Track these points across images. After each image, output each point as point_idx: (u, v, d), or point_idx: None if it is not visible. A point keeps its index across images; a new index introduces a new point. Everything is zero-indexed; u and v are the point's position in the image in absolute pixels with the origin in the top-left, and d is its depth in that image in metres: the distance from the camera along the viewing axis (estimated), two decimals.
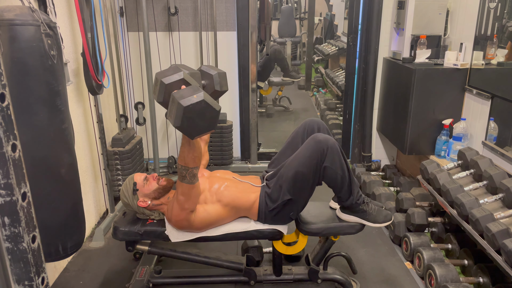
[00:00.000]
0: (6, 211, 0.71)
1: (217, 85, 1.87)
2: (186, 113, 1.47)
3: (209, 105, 1.51)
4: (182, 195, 1.78)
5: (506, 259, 1.74)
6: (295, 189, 1.82)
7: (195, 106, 1.48)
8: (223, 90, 1.88)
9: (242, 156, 3.75)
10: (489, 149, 2.43)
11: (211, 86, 1.88)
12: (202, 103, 1.49)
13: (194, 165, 1.72)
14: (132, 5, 3.36)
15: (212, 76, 1.85)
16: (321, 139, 1.77)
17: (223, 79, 1.89)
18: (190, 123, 1.50)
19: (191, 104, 1.47)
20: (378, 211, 1.93)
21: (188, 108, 1.46)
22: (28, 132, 1.49)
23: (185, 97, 1.49)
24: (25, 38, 1.43)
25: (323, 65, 6.87)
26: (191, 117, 1.49)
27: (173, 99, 1.51)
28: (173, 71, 1.66)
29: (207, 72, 1.87)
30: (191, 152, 1.68)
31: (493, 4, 2.39)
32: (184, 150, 1.69)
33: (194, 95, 1.49)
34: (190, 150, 1.68)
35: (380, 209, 1.95)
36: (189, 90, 1.53)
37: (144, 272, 2.11)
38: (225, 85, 1.89)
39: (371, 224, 1.92)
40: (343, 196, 1.87)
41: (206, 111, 1.51)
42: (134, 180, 1.91)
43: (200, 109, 1.49)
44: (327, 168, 1.77)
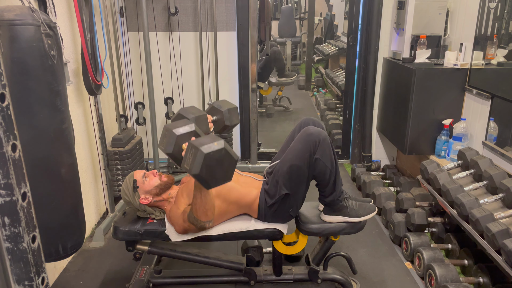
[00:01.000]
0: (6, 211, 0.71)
1: (227, 120, 2.00)
2: (206, 160, 1.44)
3: (228, 154, 1.50)
4: (189, 227, 1.78)
5: (506, 259, 1.74)
6: (291, 183, 1.82)
7: (216, 153, 1.46)
8: (233, 125, 2.00)
9: (242, 156, 3.75)
10: (489, 149, 2.43)
11: (222, 121, 2.02)
12: (222, 151, 1.48)
13: (206, 219, 1.70)
14: (132, 5, 3.36)
15: (222, 112, 1.99)
16: (313, 132, 1.77)
17: (234, 114, 2.01)
18: (209, 171, 1.47)
19: (212, 151, 1.45)
20: (360, 205, 1.94)
21: (208, 155, 1.44)
22: (28, 132, 1.49)
23: (205, 144, 1.46)
24: (25, 38, 1.43)
25: (323, 65, 6.87)
26: (210, 165, 1.46)
27: (191, 147, 1.48)
28: (184, 122, 1.67)
29: (218, 108, 2.02)
30: (202, 205, 1.66)
31: (493, 4, 2.39)
32: (196, 202, 1.67)
33: (214, 143, 1.47)
34: (202, 202, 1.66)
35: (361, 203, 1.95)
36: (209, 138, 1.52)
37: (144, 272, 2.11)
38: (235, 119, 2.00)
39: (356, 219, 1.92)
40: (327, 191, 1.87)
41: (225, 159, 1.50)
42: (134, 178, 1.91)
43: (219, 157, 1.47)
44: (318, 160, 1.76)
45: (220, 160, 1.48)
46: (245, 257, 2.19)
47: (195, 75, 3.56)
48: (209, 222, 1.73)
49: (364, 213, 1.92)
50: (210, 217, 1.72)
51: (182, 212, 1.81)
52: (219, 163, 1.48)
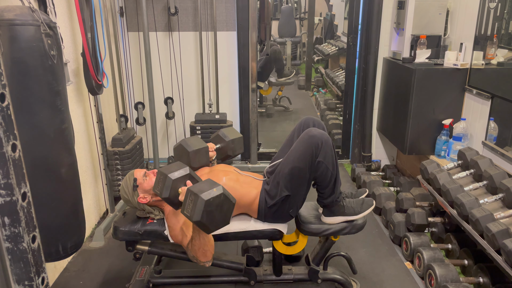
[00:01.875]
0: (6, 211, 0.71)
1: (230, 150, 2.06)
2: (206, 207, 1.48)
3: (227, 198, 1.55)
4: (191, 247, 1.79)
5: (506, 259, 1.74)
6: (292, 185, 1.82)
7: (215, 199, 1.50)
8: (235, 155, 2.06)
9: (242, 156, 3.75)
10: (489, 149, 2.43)
11: (225, 150, 2.07)
12: (221, 196, 1.52)
13: (205, 260, 1.73)
14: (132, 5, 3.36)
15: (227, 142, 2.04)
16: (316, 134, 1.76)
17: (238, 144, 2.06)
18: (209, 217, 1.51)
19: (211, 197, 1.49)
20: (357, 202, 1.94)
21: (209, 201, 1.48)
22: (28, 132, 1.49)
23: (204, 191, 1.51)
24: (25, 38, 1.43)
25: (323, 65, 6.87)
26: (210, 211, 1.50)
27: (191, 193, 1.52)
28: (178, 166, 1.70)
29: (223, 138, 2.06)
30: (202, 246, 1.69)
31: (493, 4, 2.39)
32: (195, 243, 1.69)
33: (214, 189, 1.52)
34: (201, 244, 1.68)
35: (358, 199, 1.95)
36: (207, 184, 1.56)
37: (144, 272, 2.11)
38: (239, 149, 2.05)
39: (355, 217, 1.92)
40: (326, 193, 1.87)
41: (224, 204, 1.54)
42: (134, 176, 1.91)
43: (219, 202, 1.52)
44: (320, 163, 1.76)
45: (220, 205, 1.53)
46: (245, 257, 2.19)
47: (195, 75, 3.56)
48: (208, 262, 1.76)
49: (362, 209, 1.92)
50: (209, 258, 1.74)
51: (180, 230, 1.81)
52: (218, 208, 1.53)
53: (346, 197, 1.96)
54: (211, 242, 1.72)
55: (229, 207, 1.57)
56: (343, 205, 1.91)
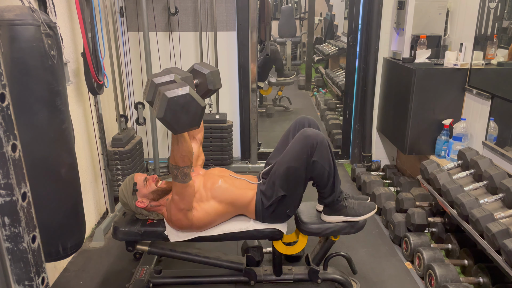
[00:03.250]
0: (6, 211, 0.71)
1: (210, 84, 1.86)
2: (170, 105, 1.47)
3: (194, 100, 1.51)
4: (177, 195, 1.79)
5: (506, 259, 1.74)
6: (288, 185, 1.82)
7: (180, 98, 1.48)
8: (216, 88, 1.88)
9: (242, 156, 3.75)
10: (489, 149, 2.43)
11: (204, 85, 1.88)
12: (187, 96, 1.50)
13: (184, 164, 1.72)
14: (132, 5, 3.36)
15: (205, 75, 1.84)
16: (311, 134, 1.76)
17: (216, 77, 1.87)
18: (173, 116, 1.50)
19: (175, 96, 1.47)
20: (359, 204, 1.93)
21: (172, 99, 1.47)
22: (28, 132, 1.49)
23: (170, 89, 1.50)
24: (25, 38, 1.43)
25: (323, 65, 6.86)
26: (174, 110, 1.49)
27: (158, 93, 1.52)
28: (165, 73, 1.68)
29: (200, 71, 1.87)
30: (179, 151, 1.69)
31: (493, 4, 2.39)
32: (173, 148, 1.70)
33: (179, 88, 1.50)
34: (178, 148, 1.68)
35: (361, 202, 1.95)
36: (176, 84, 1.54)
37: (144, 272, 2.11)
38: (218, 83, 1.88)
39: (356, 219, 1.92)
40: (326, 193, 1.87)
41: (190, 105, 1.51)
42: (134, 180, 1.91)
43: (184, 103, 1.50)
44: (316, 162, 1.76)
45: (185, 105, 1.50)
46: (245, 257, 2.19)
47: None
48: (187, 167, 1.73)
49: (364, 212, 1.92)
50: (188, 163, 1.72)
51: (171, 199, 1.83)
52: (184, 108, 1.50)
53: (349, 198, 1.95)
54: (188, 147, 1.71)
55: (197, 110, 1.53)
56: (345, 206, 1.91)
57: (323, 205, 1.95)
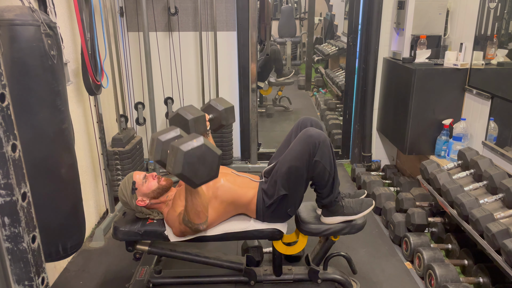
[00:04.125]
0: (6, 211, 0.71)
1: (223, 120, 2.02)
2: (187, 158, 1.44)
3: (209, 149, 1.49)
4: (185, 230, 1.79)
5: (506, 259, 1.74)
6: (289, 184, 1.82)
7: (196, 150, 1.45)
8: (228, 124, 2.02)
9: (242, 156, 3.75)
10: (489, 149, 2.43)
11: (218, 120, 2.04)
12: (202, 147, 1.47)
13: (199, 221, 1.70)
14: (132, 5, 3.36)
15: (219, 111, 2.01)
16: (313, 134, 1.76)
17: (230, 113, 2.03)
18: (191, 169, 1.46)
19: (191, 148, 1.44)
20: (356, 202, 1.93)
21: (188, 153, 1.44)
22: (28, 132, 1.49)
23: (184, 142, 1.47)
24: (25, 38, 1.43)
25: (323, 65, 6.87)
26: (192, 163, 1.45)
27: (172, 148, 1.48)
28: (169, 129, 1.68)
29: (215, 107, 2.03)
30: (194, 207, 1.66)
31: (493, 4, 2.39)
32: (188, 204, 1.67)
33: (193, 140, 1.47)
34: (193, 204, 1.65)
35: (357, 199, 1.95)
36: (188, 137, 1.51)
37: (144, 272, 2.11)
38: (231, 119, 2.02)
39: (355, 217, 1.92)
40: (324, 193, 1.86)
41: (207, 155, 1.49)
42: (133, 179, 1.91)
43: (200, 154, 1.47)
44: (318, 162, 1.76)
45: (202, 156, 1.47)
46: (245, 257, 2.19)
47: (195, 75, 3.56)
48: (203, 224, 1.72)
49: (362, 209, 1.92)
50: (203, 219, 1.71)
51: (178, 214, 1.81)
52: (200, 160, 1.47)
53: (345, 197, 1.95)
54: (204, 203, 1.69)
55: (214, 159, 1.51)
56: (342, 205, 1.91)
57: (321, 207, 1.95)
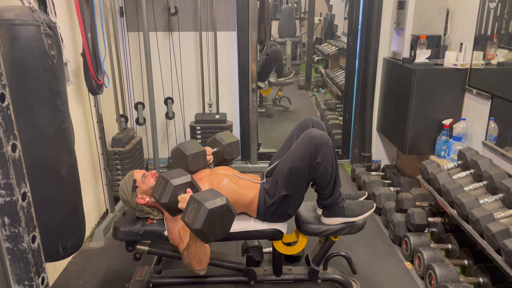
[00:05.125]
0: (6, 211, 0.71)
1: (226, 154, 2.07)
2: (209, 216, 1.47)
3: (229, 210, 1.54)
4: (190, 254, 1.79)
5: (506, 259, 1.74)
6: (290, 184, 1.82)
7: (218, 209, 1.49)
8: (232, 158, 2.07)
9: (242, 156, 3.75)
10: (489, 149, 2.43)
11: (221, 154, 2.08)
12: (224, 207, 1.51)
13: (200, 268, 1.73)
14: (132, 5, 3.36)
15: (223, 146, 2.06)
16: (316, 135, 1.77)
17: (235, 148, 2.08)
18: (210, 226, 1.50)
19: (215, 207, 1.48)
20: (357, 203, 1.94)
21: (212, 211, 1.47)
22: (28, 132, 1.49)
23: (208, 200, 1.49)
24: (25, 38, 1.43)
25: (323, 65, 6.86)
26: (212, 220, 1.49)
27: (194, 201, 1.51)
28: (180, 173, 1.70)
29: (220, 141, 2.08)
30: (197, 254, 1.68)
31: (493, 4, 2.39)
32: (191, 251, 1.69)
33: (217, 199, 1.51)
34: (197, 252, 1.68)
35: (359, 201, 1.95)
36: (211, 193, 1.55)
37: (144, 272, 2.11)
38: (235, 153, 2.07)
39: (355, 219, 1.92)
40: (325, 194, 1.87)
41: (226, 215, 1.53)
42: (133, 177, 1.91)
43: (221, 213, 1.51)
44: (319, 164, 1.76)
45: (222, 215, 1.52)
46: (245, 257, 2.19)
47: (195, 75, 3.56)
48: (202, 271, 1.75)
49: (363, 211, 1.92)
50: (204, 266, 1.74)
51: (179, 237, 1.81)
52: (220, 219, 1.52)
53: (346, 199, 1.96)
54: (207, 251, 1.72)
55: (230, 219, 1.56)
56: (343, 207, 1.91)
57: (322, 207, 1.95)
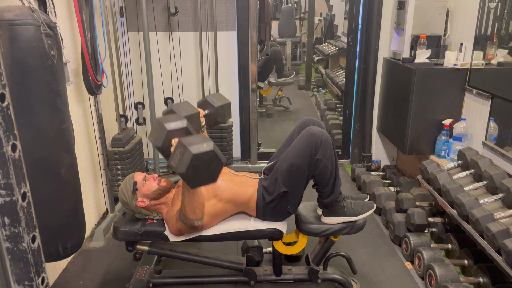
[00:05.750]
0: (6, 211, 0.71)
1: (219, 116, 1.97)
2: (193, 161, 1.43)
3: (217, 156, 1.48)
4: (182, 227, 1.79)
5: (506, 259, 1.74)
6: (290, 181, 1.82)
7: (204, 155, 1.44)
8: (224, 121, 1.97)
9: (242, 156, 3.75)
10: (489, 149, 2.43)
11: (213, 116, 1.98)
12: (210, 153, 1.46)
13: (194, 217, 1.70)
14: (132, 5, 3.36)
15: (215, 108, 1.95)
16: (316, 132, 1.77)
17: (226, 110, 1.98)
18: (195, 172, 1.46)
19: (200, 152, 1.43)
20: (357, 203, 1.94)
21: (196, 156, 1.43)
22: (28, 132, 1.49)
23: (194, 144, 1.45)
24: (25, 38, 1.43)
25: (323, 65, 6.87)
26: (197, 166, 1.45)
27: (180, 144, 1.47)
28: (176, 118, 1.65)
29: (211, 103, 1.97)
30: (190, 202, 1.67)
31: (493, 4, 2.39)
32: (184, 199, 1.67)
33: (204, 144, 1.46)
34: (190, 200, 1.66)
35: (359, 201, 1.95)
36: (198, 138, 1.50)
37: (144, 272, 2.11)
38: (227, 116, 1.97)
39: (355, 218, 1.92)
40: (326, 193, 1.87)
41: (212, 162, 1.48)
42: (134, 180, 1.91)
43: (207, 159, 1.46)
44: (319, 161, 1.76)
45: (208, 161, 1.47)
46: (245, 257, 2.19)
47: (195, 75, 3.56)
48: (198, 220, 1.72)
49: (363, 211, 1.92)
50: (199, 215, 1.72)
51: (176, 212, 1.82)
52: (206, 165, 1.47)
53: (347, 198, 1.96)
54: (200, 199, 1.70)
55: (218, 166, 1.50)
56: (343, 206, 1.91)
57: (322, 206, 1.95)
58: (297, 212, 2.04)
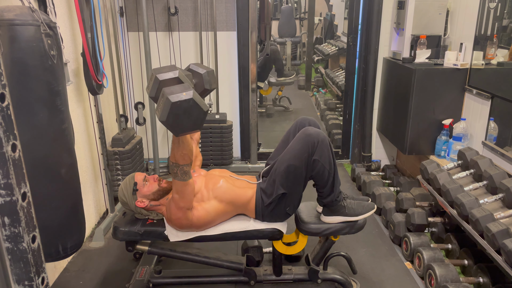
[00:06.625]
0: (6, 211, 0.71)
1: (206, 83, 1.89)
2: (173, 109, 1.47)
3: (197, 104, 1.51)
4: (177, 193, 1.79)
5: (506, 259, 1.74)
6: (288, 183, 1.82)
7: (183, 103, 1.48)
8: (212, 88, 1.90)
9: (242, 156, 3.75)
10: (489, 149, 2.43)
11: (201, 85, 1.90)
12: (190, 101, 1.49)
13: (184, 162, 1.72)
14: (132, 5, 3.36)
15: (201, 75, 1.86)
16: (312, 133, 1.77)
17: (212, 77, 1.91)
18: (175, 120, 1.50)
19: (179, 100, 1.47)
20: (358, 204, 1.94)
21: (175, 104, 1.47)
22: (28, 132, 1.49)
23: (174, 93, 1.49)
24: (25, 38, 1.43)
25: (323, 65, 6.86)
26: (177, 114, 1.49)
27: (162, 94, 1.52)
28: (169, 69, 1.68)
29: (196, 71, 1.89)
30: (180, 149, 1.69)
31: (493, 4, 2.39)
32: (174, 147, 1.70)
33: (183, 93, 1.50)
34: (179, 147, 1.69)
35: (360, 202, 1.95)
36: (180, 87, 1.54)
37: (144, 272, 2.11)
38: (214, 83, 1.92)
39: (355, 218, 1.92)
40: (325, 192, 1.87)
41: (193, 110, 1.52)
42: (134, 180, 1.91)
43: (187, 107, 1.50)
44: (316, 161, 1.77)
45: (188, 110, 1.50)
46: (245, 257, 2.19)
47: None
48: (187, 165, 1.74)
49: (363, 211, 1.92)
50: (188, 161, 1.73)
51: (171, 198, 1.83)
52: (186, 113, 1.50)
53: (348, 198, 1.96)
54: (189, 146, 1.72)
55: (200, 114, 1.54)
56: (344, 205, 1.91)
57: (322, 206, 1.95)
58: (297, 212, 2.04)
